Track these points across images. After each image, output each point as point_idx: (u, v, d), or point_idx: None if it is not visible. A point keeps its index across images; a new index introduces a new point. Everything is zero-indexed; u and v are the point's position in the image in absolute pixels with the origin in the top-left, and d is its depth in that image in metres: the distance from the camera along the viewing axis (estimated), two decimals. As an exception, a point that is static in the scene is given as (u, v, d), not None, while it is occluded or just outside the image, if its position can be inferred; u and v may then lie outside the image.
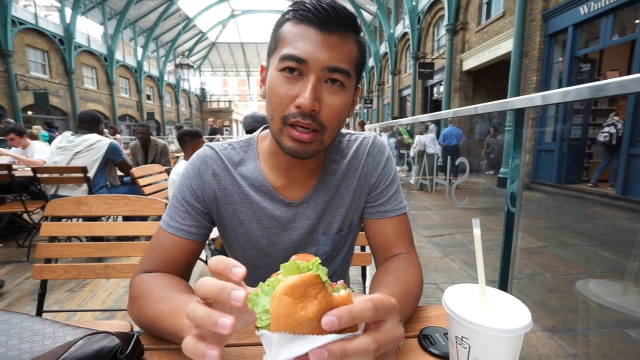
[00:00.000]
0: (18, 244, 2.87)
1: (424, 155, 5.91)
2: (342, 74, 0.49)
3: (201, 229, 0.60)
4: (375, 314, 0.28)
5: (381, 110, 18.58)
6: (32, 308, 1.27)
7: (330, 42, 0.48)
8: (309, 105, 0.47)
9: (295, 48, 0.48)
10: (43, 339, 0.38)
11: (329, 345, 0.25)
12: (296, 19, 0.49)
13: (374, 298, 0.28)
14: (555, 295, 2.13)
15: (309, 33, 0.48)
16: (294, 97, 0.48)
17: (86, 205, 0.99)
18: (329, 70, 0.48)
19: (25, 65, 12.31)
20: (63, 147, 2.48)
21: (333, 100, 0.50)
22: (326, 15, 0.47)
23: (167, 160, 3.61)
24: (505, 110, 0.93)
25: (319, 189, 0.62)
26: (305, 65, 0.47)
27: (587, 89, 0.67)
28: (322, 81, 0.49)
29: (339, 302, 0.27)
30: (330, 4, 0.48)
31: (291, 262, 0.28)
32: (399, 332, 0.30)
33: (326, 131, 0.51)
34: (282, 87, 0.49)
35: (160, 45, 23.07)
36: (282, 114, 0.50)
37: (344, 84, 0.50)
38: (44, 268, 0.96)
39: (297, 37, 0.48)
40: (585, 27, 5.76)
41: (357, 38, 0.52)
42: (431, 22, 11.74)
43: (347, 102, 0.52)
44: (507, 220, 0.84)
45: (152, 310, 0.46)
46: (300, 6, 0.49)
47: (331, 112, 0.50)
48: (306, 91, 0.47)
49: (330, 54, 0.48)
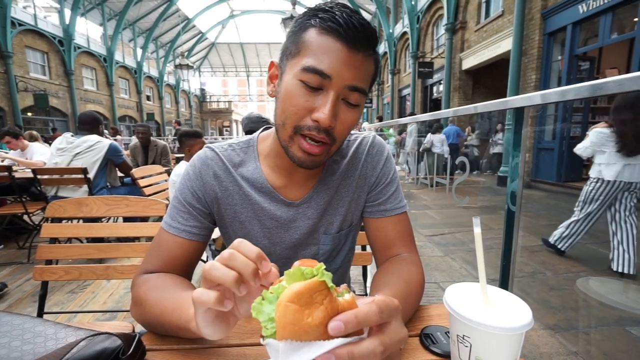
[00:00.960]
0: (19, 246, 2.87)
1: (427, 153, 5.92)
2: (360, 93, 0.50)
3: (203, 229, 0.60)
4: (380, 317, 0.28)
5: (381, 109, 18.58)
6: (33, 309, 1.27)
7: (356, 60, 0.48)
8: (328, 122, 0.48)
9: (321, 62, 0.47)
10: (45, 340, 0.38)
11: (336, 350, 0.26)
12: (324, 28, 0.47)
13: (378, 301, 0.28)
14: (556, 293, 2.13)
15: (336, 48, 0.47)
16: (311, 109, 0.48)
17: (87, 206, 1.00)
18: (350, 89, 0.48)
19: (24, 66, 12.31)
20: (63, 149, 2.48)
21: (348, 116, 0.51)
22: (355, 33, 0.46)
23: (168, 161, 3.61)
24: (504, 109, 0.93)
25: (319, 189, 0.62)
26: (329, 80, 0.47)
27: (586, 88, 0.67)
28: (340, 98, 0.49)
29: (344, 306, 0.27)
30: (360, 20, 0.47)
31: (295, 269, 0.28)
32: (403, 333, 0.30)
33: (335, 144, 0.53)
34: (300, 98, 0.49)
35: (160, 45, 23.07)
36: (296, 124, 0.50)
37: (360, 102, 0.51)
38: (44, 269, 0.96)
39: (322, 50, 0.47)
40: (584, 26, 5.76)
41: (376, 56, 0.52)
42: (430, 21, 11.73)
43: (359, 117, 0.53)
44: (508, 218, 0.84)
45: (157, 308, 0.46)
46: (330, 15, 0.47)
47: (344, 128, 0.51)
48: (326, 107, 0.47)
49: (354, 73, 0.48)
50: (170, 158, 3.76)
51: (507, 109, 0.88)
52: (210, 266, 0.32)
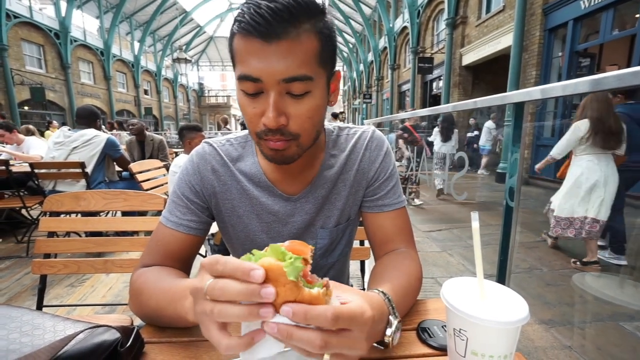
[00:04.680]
0: (17, 240, 2.86)
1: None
2: (302, 81, 0.45)
3: (201, 223, 0.61)
4: (333, 324, 0.29)
5: (380, 105, 18.52)
6: (32, 303, 1.27)
7: (280, 50, 0.43)
8: (273, 124, 0.46)
9: (248, 67, 0.45)
10: (43, 332, 0.38)
11: (280, 325, 0.28)
12: (241, 32, 0.44)
13: (339, 310, 0.29)
14: (551, 288, 2.15)
15: (255, 47, 0.43)
16: (260, 114, 0.47)
17: (85, 200, 0.99)
18: (287, 81, 0.44)
19: (20, 59, 12.18)
20: (60, 142, 2.46)
21: (299, 109, 0.47)
22: (266, 25, 0.42)
23: (165, 156, 3.59)
24: (504, 104, 0.93)
25: (317, 183, 0.62)
26: (261, 83, 0.45)
27: (585, 83, 0.67)
28: (283, 93, 0.46)
29: (304, 298, 0.29)
30: (269, 5, 0.42)
31: (278, 247, 0.30)
32: (358, 346, 0.31)
33: (301, 137, 0.50)
34: (248, 107, 0.48)
35: (158, 39, 22.83)
36: (255, 131, 0.50)
37: (307, 90, 0.46)
38: (43, 263, 0.96)
39: (246, 54, 0.45)
40: (586, 22, 5.73)
41: (315, 27, 0.45)
42: (431, 16, 11.65)
43: (317, 103, 0.49)
44: (506, 214, 0.84)
45: (154, 300, 0.47)
46: (241, 17, 0.44)
47: (301, 121, 0.48)
48: (269, 110, 0.45)
49: (283, 64, 0.43)
50: (168, 152, 3.74)
51: (507, 103, 0.88)
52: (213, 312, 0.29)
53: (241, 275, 0.28)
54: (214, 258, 0.30)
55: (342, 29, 23.45)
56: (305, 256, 0.30)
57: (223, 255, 0.31)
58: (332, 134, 0.65)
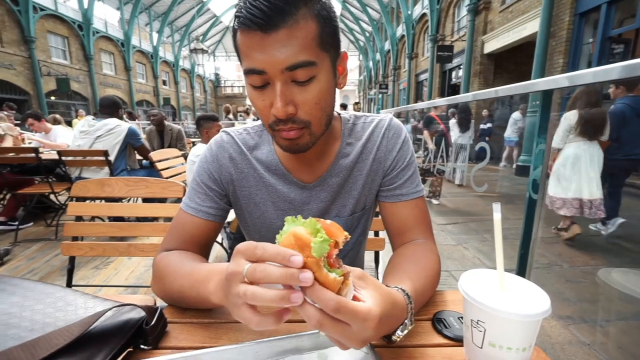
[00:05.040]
0: (47, 223, 3.03)
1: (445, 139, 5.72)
2: (305, 67, 0.45)
3: (219, 210, 0.62)
4: (332, 313, 0.30)
5: (397, 95, 18.14)
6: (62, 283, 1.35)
7: (279, 39, 0.44)
8: (282, 113, 0.47)
9: (252, 60, 0.46)
10: (75, 308, 0.41)
11: (294, 292, 0.30)
12: (241, 27, 0.45)
13: (343, 303, 0.30)
14: (571, 285, 2.09)
15: (257, 39, 0.44)
16: (269, 106, 0.48)
17: (109, 186, 1.03)
18: (290, 69, 0.45)
19: (47, 51, 12.63)
20: (85, 131, 2.56)
21: (306, 95, 0.48)
22: (263, 16, 0.43)
23: (183, 145, 3.67)
24: (527, 92, 0.89)
25: (333, 172, 0.62)
26: (266, 74, 0.46)
27: (617, 69, 0.63)
28: (289, 82, 0.47)
29: (319, 277, 0.30)
30: None
31: (315, 221, 0.31)
32: (352, 341, 0.32)
33: (312, 125, 0.51)
34: (257, 100, 0.50)
35: (175, 30, 23.09)
36: (267, 123, 0.51)
37: (312, 75, 0.47)
38: (72, 245, 1.01)
39: (248, 48, 0.46)
40: (621, 5, 5.35)
41: (313, 10, 0.46)
42: (451, 2, 11.19)
43: (325, 87, 0.49)
44: (528, 207, 0.81)
45: (177, 283, 0.49)
46: (240, 13, 0.45)
47: (309, 107, 0.49)
48: (276, 100, 0.46)
49: (284, 52, 0.44)
50: (186, 142, 3.83)
51: (531, 92, 0.84)
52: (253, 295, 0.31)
53: (281, 260, 0.30)
54: (252, 244, 0.32)
55: (359, 17, 22.93)
56: (337, 239, 0.31)
57: (251, 242, 0.32)
58: (348, 123, 0.65)
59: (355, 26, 25.21)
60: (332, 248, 0.30)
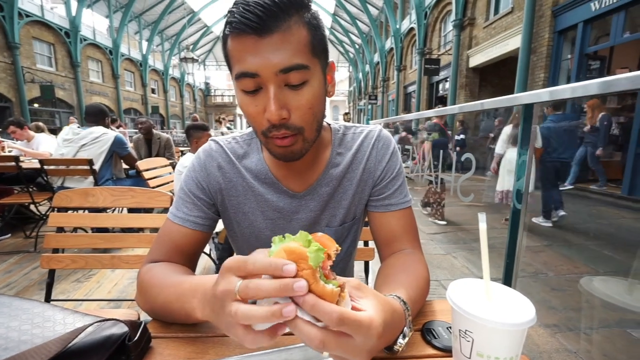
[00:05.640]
0: (25, 235, 2.91)
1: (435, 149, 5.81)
2: (299, 70, 0.46)
3: (207, 219, 0.61)
4: (336, 325, 0.29)
5: (385, 106, 18.47)
6: (40, 297, 1.29)
7: (273, 42, 0.44)
8: (276, 117, 0.46)
9: (244, 64, 0.45)
10: (54, 325, 0.39)
11: (289, 305, 0.29)
12: (233, 32, 0.45)
13: (347, 314, 0.29)
14: (557, 293, 2.12)
15: (249, 43, 0.45)
16: (262, 111, 0.48)
17: (93, 196, 1.01)
18: (283, 72, 0.45)
19: (31, 57, 12.38)
20: (69, 140, 2.50)
21: (300, 99, 0.48)
22: (257, 20, 0.43)
23: (172, 154, 3.62)
24: (511, 105, 0.92)
25: (323, 181, 0.63)
26: (259, 78, 0.46)
27: (595, 85, 0.66)
28: (282, 86, 0.47)
29: (316, 289, 0.29)
30: (257, 2, 0.43)
31: (305, 233, 0.31)
32: (357, 354, 0.31)
33: (305, 131, 0.51)
34: (249, 106, 0.49)
35: (165, 38, 23.05)
36: (260, 130, 0.51)
37: (305, 79, 0.47)
38: (52, 257, 0.97)
39: (241, 52, 0.46)
40: (596, 24, 5.66)
41: (303, 18, 0.47)
42: (438, 17, 11.60)
43: (316, 92, 0.49)
44: (513, 216, 0.83)
45: (161, 296, 0.47)
46: (232, 18, 0.45)
47: (302, 112, 0.49)
48: (270, 104, 0.46)
49: (278, 55, 0.44)
50: (174, 151, 3.78)
51: (515, 105, 0.88)
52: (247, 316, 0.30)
53: (274, 271, 0.29)
54: (241, 259, 0.31)
55: (349, 30, 23.44)
56: (329, 251, 0.30)
57: (244, 256, 0.32)
58: (338, 133, 0.66)
59: (345, 38, 25.74)
60: (325, 259, 0.30)
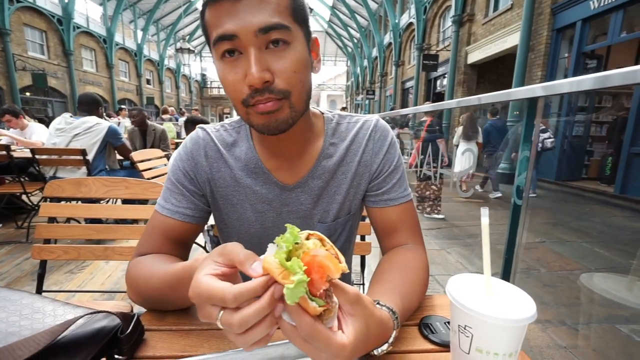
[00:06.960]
0: (17, 225, 2.87)
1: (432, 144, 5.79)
2: (280, 29, 0.44)
3: (197, 211, 0.59)
4: (306, 337, 0.30)
5: (383, 101, 18.42)
6: (31, 288, 1.27)
7: (251, 3, 0.43)
8: (258, 79, 0.43)
9: (222, 26, 0.44)
10: (43, 316, 0.38)
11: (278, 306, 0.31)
12: (211, 1, 0.45)
13: (316, 332, 0.30)
14: (549, 289, 2.16)
15: (227, 6, 0.43)
16: (242, 78, 0.45)
17: (86, 186, 0.99)
18: (263, 32, 0.43)
19: (23, 44, 12.08)
20: (62, 129, 2.45)
21: (284, 62, 0.45)
22: None
23: (167, 146, 3.57)
24: (508, 100, 0.92)
25: (315, 173, 0.60)
26: (238, 39, 0.43)
27: (590, 80, 0.66)
28: (263, 48, 0.44)
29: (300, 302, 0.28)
30: None
31: (294, 233, 0.32)
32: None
33: (291, 95, 0.47)
34: (229, 74, 0.46)
35: (161, 28, 22.63)
36: (240, 99, 0.47)
37: (287, 40, 0.45)
38: (43, 248, 0.95)
39: (218, 17, 0.44)
40: (594, 23, 5.67)
41: None
42: (437, 12, 11.52)
43: (301, 57, 0.47)
44: (513, 212, 0.83)
45: (153, 282, 0.47)
46: None
47: (287, 75, 0.45)
48: (250, 67, 0.43)
49: (257, 14, 0.43)
50: (169, 143, 3.73)
51: (511, 100, 0.87)
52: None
53: (255, 295, 0.30)
54: (221, 296, 0.30)
55: (348, 23, 23.21)
56: (331, 275, 0.29)
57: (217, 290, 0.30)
58: (331, 122, 0.62)
59: (344, 32, 25.50)
60: (321, 283, 0.29)
